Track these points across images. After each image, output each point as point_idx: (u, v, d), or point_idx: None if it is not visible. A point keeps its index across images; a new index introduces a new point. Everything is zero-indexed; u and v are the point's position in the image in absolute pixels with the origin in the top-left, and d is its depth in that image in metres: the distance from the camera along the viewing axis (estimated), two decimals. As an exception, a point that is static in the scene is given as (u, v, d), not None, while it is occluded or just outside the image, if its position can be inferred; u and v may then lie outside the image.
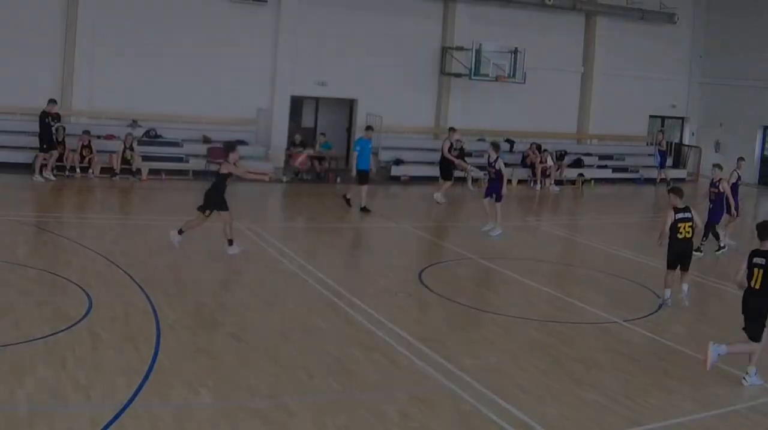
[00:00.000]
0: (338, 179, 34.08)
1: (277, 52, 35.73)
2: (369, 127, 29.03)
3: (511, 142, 39.35)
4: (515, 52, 37.88)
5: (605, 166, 42.21)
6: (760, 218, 30.71)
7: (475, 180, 35.81)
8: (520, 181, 37.17)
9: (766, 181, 44.18)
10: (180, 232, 20.16)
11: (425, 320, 16.42)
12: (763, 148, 44.97)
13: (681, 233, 18.38)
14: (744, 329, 14.17)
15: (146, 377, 12.21)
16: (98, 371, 12.25)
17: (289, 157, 33.91)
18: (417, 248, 24.13)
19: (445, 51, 39.10)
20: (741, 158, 27.36)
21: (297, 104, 37.94)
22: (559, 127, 42.78)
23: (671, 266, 18.74)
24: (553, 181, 37.69)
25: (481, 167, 33.41)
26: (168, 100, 33.47)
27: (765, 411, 12.75)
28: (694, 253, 19.72)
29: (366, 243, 23.71)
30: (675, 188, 19.07)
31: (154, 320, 14.84)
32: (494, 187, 26.06)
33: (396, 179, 35.92)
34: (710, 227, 24.82)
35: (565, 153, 40.04)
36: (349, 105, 38.80)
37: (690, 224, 18.48)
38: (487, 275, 21.09)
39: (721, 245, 25.25)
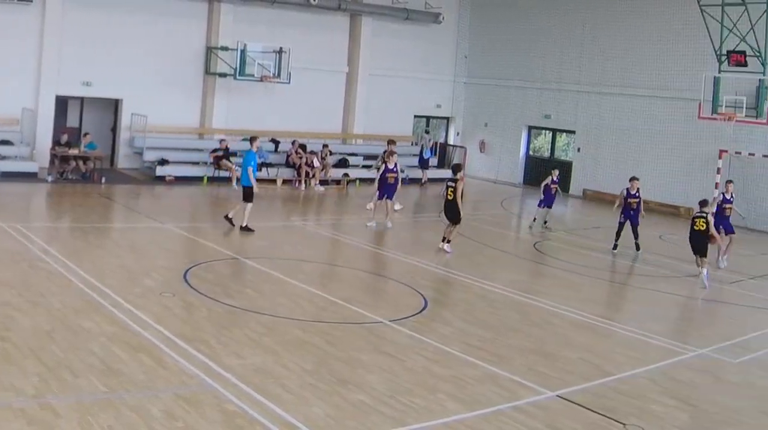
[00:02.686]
0: (103, 179, 33.58)
1: (42, 51, 35.09)
2: (252, 138, 27.62)
3: (276, 142, 39.57)
4: (280, 52, 38.15)
5: (370, 166, 42.71)
6: (526, 217, 31.72)
7: (239, 180, 35.82)
8: (285, 182, 37.39)
9: (532, 181, 45.29)
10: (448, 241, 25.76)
11: (190, 320, 16.36)
12: (528, 148, 46.34)
13: (696, 226, 24.20)
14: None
15: None
16: None
17: (54, 156, 33.30)
18: (182, 248, 24.05)
19: (209, 51, 39.07)
20: (729, 181, 28.68)
21: (62, 104, 37.23)
22: (325, 127, 43.21)
23: (693, 252, 24.51)
24: (317, 181, 38.03)
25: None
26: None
27: (529, 411, 13.02)
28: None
29: (131, 243, 23.45)
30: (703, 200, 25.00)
31: None
32: (389, 189, 29.25)
33: (161, 179, 35.64)
34: (635, 229, 27.99)
35: (330, 152, 40.38)
36: (114, 105, 38.33)
37: (703, 219, 24.10)
38: (252, 275, 21.16)
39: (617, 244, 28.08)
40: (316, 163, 38.26)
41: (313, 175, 38.06)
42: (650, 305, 21.99)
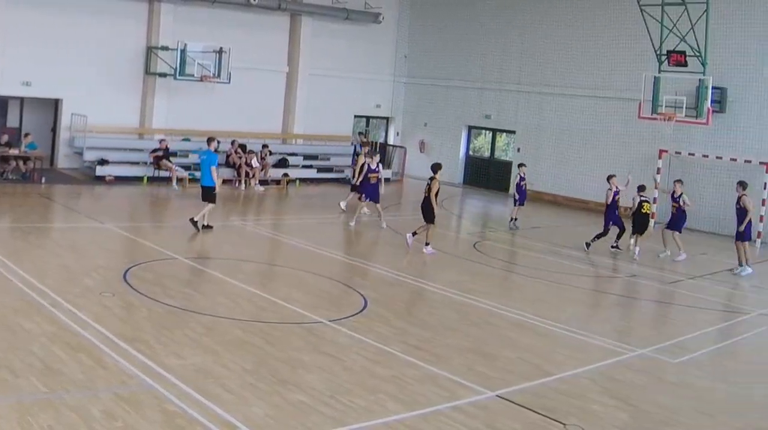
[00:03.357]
0: (43, 179, 33.39)
1: (-19, 51, 34.79)
2: (210, 139, 27.41)
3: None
4: (220, 51, 38.14)
5: (310, 166, 42.85)
6: (467, 216, 31.83)
7: (179, 180, 35.83)
8: (224, 181, 37.33)
9: (471, 181, 45.63)
10: (426, 244, 26.19)
11: (130, 320, 16.30)
12: (468, 148, 46.49)
13: (644, 209, 28.39)
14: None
15: None
16: None
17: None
18: (122, 248, 23.96)
19: (150, 51, 38.95)
20: (677, 180, 29.71)
21: (2, 104, 36.98)
22: (265, 127, 43.24)
23: (633, 231, 28.50)
24: (257, 181, 38.03)
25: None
26: None
27: (469, 411, 13.04)
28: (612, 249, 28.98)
29: (71, 243, 23.32)
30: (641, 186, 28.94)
31: None
32: (374, 188, 29.89)
33: (101, 179, 35.50)
34: (623, 226, 29.61)
35: (270, 152, 40.39)
36: (54, 105, 38.12)
37: (648, 203, 28.76)
38: (192, 275, 21.20)
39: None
40: (255, 163, 38.24)
41: (253, 175, 38.06)
42: (590, 305, 22.26)
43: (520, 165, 33.93)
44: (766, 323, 21.05)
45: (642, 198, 28.46)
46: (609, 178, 29.34)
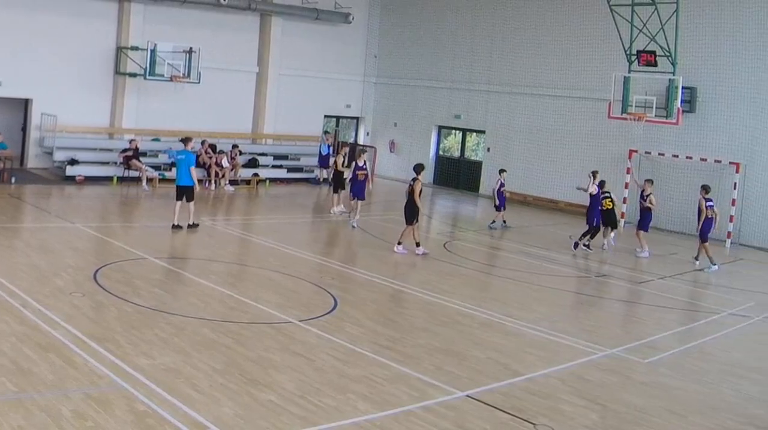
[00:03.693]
0: (13, 179, 33.26)
1: (-47, 51, 34.63)
2: (187, 139, 27.91)
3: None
4: (190, 51, 38.07)
5: (280, 166, 42.81)
6: (437, 216, 31.88)
7: (149, 180, 35.74)
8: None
9: (442, 181, 45.68)
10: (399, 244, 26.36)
11: (100, 320, 16.25)
12: (438, 148, 46.55)
13: (604, 206, 29.32)
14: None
15: None
16: None
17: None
18: (92, 248, 23.87)
19: (120, 51, 38.86)
20: (646, 180, 30.44)
21: (-27, 104, 36.88)
22: (235, 127, 43.19)
23: (603, 225, 29.61)
24: (227, 181, 37.98)
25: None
26: None
27: (438, 411, 13.07)
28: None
29: (41, 243, 23.20)
30: (601, 182, 29.56)
31: None
32: (361, 186, 29.98)
33: (71, 179, 35.37)
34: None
35: (240, 152, 40.34)
36: (24, 105, 37.96)
37: (609, 199, 29.46)
38: (162, 275, 21.11)
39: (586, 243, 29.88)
40: (225, 163, 38.17)
41: (223, 176, 38.00)
42: (560, 305, 22.22)
43: (501, 171, 33.98)
44: (735, 323, 21.22)
45: (603, 195, 29.22)
46: (593, 173, 29.49)
